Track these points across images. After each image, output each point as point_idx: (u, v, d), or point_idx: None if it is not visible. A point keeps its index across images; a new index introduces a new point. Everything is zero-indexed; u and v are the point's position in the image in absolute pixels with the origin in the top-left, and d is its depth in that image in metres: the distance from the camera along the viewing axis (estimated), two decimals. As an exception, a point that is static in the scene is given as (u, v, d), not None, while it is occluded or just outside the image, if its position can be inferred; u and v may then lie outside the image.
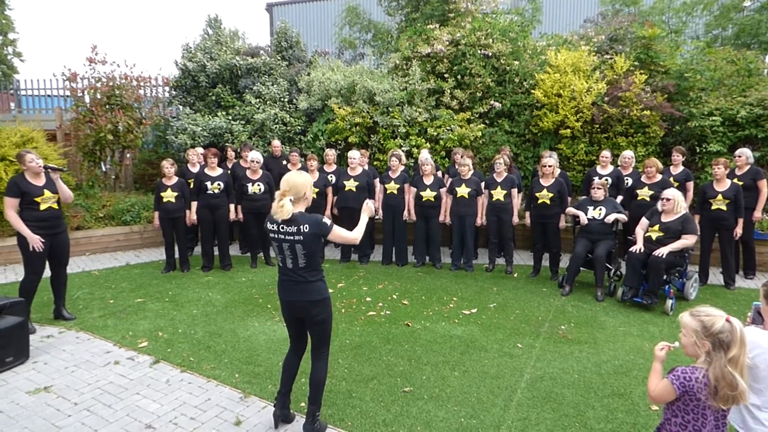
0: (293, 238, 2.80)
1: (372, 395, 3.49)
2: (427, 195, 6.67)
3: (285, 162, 7.73)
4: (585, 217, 5.76)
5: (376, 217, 7.28)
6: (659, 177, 6.20)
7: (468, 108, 8.71)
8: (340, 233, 2.93)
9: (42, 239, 4.46)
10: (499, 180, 6.54)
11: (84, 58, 9.46)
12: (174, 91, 10.24)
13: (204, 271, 6.66)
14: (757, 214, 6.10)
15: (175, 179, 6.51)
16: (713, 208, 5.86)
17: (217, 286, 6.06)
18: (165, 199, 6.41)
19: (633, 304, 5.34)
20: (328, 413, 3.24)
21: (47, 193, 4.52)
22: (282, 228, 2.81)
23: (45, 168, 4.53)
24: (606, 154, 6.85)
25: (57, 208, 4.62)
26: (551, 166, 6.18)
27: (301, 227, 2.78)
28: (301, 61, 10.42)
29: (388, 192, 6.87)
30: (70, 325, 4.76)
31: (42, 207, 4.49)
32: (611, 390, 3.56)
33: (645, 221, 5.46)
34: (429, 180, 6.71)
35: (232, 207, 6.77)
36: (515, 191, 6.61)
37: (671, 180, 6.45)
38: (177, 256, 6.70)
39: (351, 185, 6.87)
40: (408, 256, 7.14)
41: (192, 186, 6.68)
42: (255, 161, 6.76)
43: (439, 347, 4.28)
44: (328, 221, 2.88)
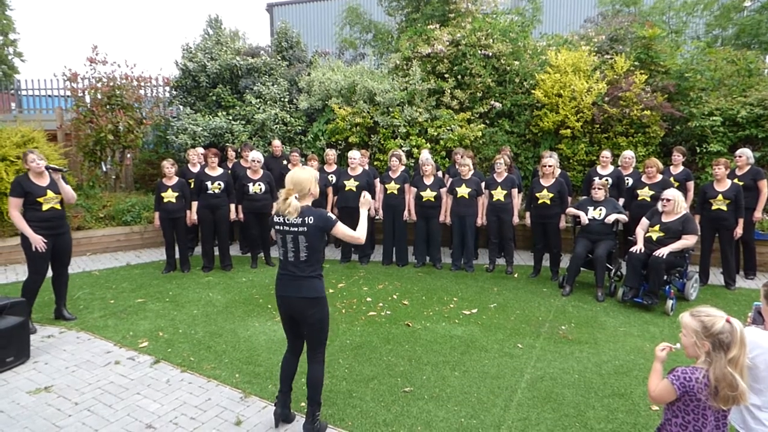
0: (297, 229, 2.81)
1: (372, 395, 3.49)
2: (428, 195, 6.67)
3: (285, 162, 7.75)
4: (585, 218, 5.76)
5: (376, 217, 7.28)
6: (660, 177, 6.21)
7: (468, 108, 8.72)
8: (344, 230, 2.93)
9: (44, 239, 4.47)
10: (500, 180, 6.55)
11: (84, 58, 9.47)
12: (174, 91, 10.25)
13: (204, 272, 6.66)
14: (758, 214, 6.09)
15: (176, 179, 6.51)
16: (713, 208, 5.86)
17: (218, 286, 6.07)
18: (165, 199, 6.42)
19: (633, 304, 5.34)
20: (328, 413, 3.25)
21: (50, 194, 4.53)
22: (287, 219, 2.83)
23: (46, 168, 4.54)
24: (606, 154, 6.85)
25: (60, 208, 4.63)
26: (551, 166, 6.19)
27: (306, 219, 2.80)
28: (302, 62, 10.43)
29: (388, 192, 6.88)
30: (70, 325, 4.77)
31: (44, 207, 4.50)
32: (612, 390, 3.56)
33: (645, 221, 5.46)
34: (429, 180, 6.71)
35: (232, 207, 6.78)
36: (515, 191, 6.61)
37: (671, 180, 6.46)
38: (177, 256, 6.71)
39: (351, 185, 6.88)
40: (408, 256, 7.14)
41: (192, 186, 6.69)
42: (256, 161, 6.77)
43: (440, 347, 4.28)
44: (333, 216, 2.89)
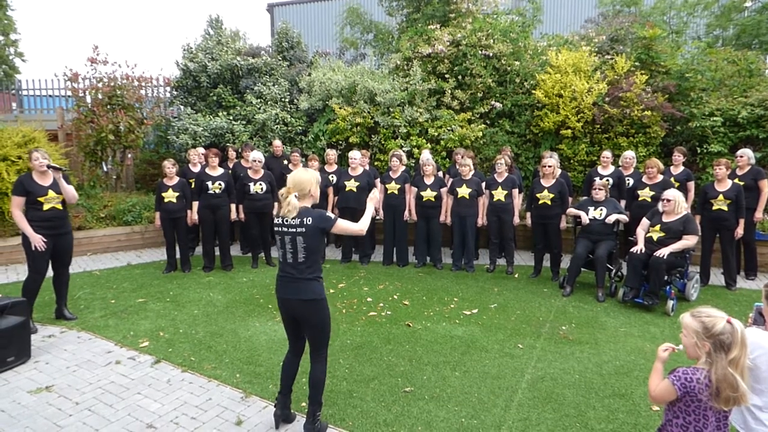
0: (296, 230, 2.83)
1: (373, 395, 3.49)
2: (428, 195, 6.67)
3: (286, 162, 7.76)
4: (586, 218, 5.76)
5: (376, 218, 7.28)
6: (660, 177, 6.21)
7: (469, 108, 8.72)
8: (344, 225, 2.95)
9: (45, 239, 4.47)
10: (500, 180, 6.55)
11: (85, 58, 9.51)
12: (175, 92, 10.26)
13: (205, 271, 6.66)
14: (758, 214, 6.09)
15: (176, 179, 6.51)
16: (714, 208, 5.85)
17: (218, 286, 6.07)
18: (166, 200, 6.42)
19: (634, 304, 5.33)
20: (328, 413, 3.25)
21: (51, 194, 4.53)
22: (286, 221, 2.85)
23: (48, 167, 4.54)
24: (607, 154, 6.85)
25: (61, 208, 4.62)
26: (551, 166, 6.19)
27: (305, 220, 2.82)
28: (302, 62, 10.43)
29: (389, 192, 6.88)
30: (71, 325, 4.77)
31: (45, 207, 4.50)
32: (612, 390, 3.56)
33: (646, 222, 5.46)
34: (430, 180, 6.72)
35: (233, 207, 6.78)
36: (516, 191, 6.61)
37: (672, 180, 6.46)
38: (178, 256, 6.71)
39: (352, 185, 6.88)
40: (409, 256, 7.14)
41: (193, 186, 6.69)
42: (257, 161, 6.77)
43: (440, 347, 4.28)
44: (331, 215, 2.91)
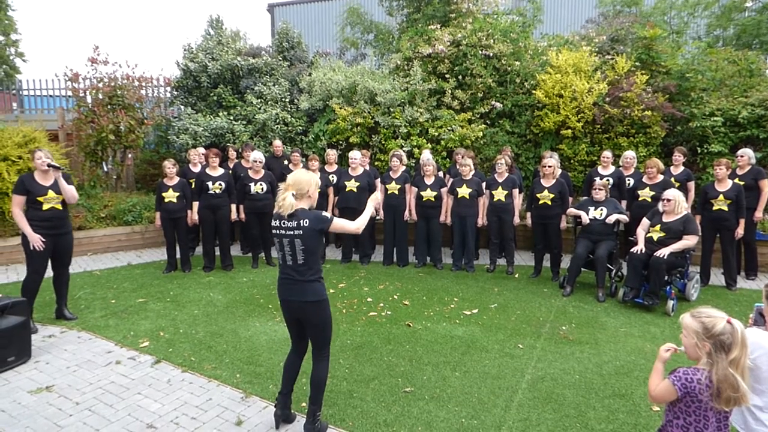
0: (293, 232, 2.84)
1: (373, 395, 3.49)
2: (428, 195, 6.67)
3: (286, 162, 7.76)
4: (586, 218, 5.76)
5: (377, 218, 7.28)
6: (660, 177, 6.20)
7: (469, 108, 8.71)
8: (341, 224, 2.98)
9: (43, 239, 4.47)
10: (501, 180, 6.55)
11: (86, 58, 9.50)
12: (175, 92, 10.27)
13: (205, 272, 6.66)
14: (758, 214, 6.09)
15: (177, 179, 6.52)
16: (714, 208, 5.85)
17: (219, 286, 6.07)
18: (166, 200, 6.42)
19: (634, 304, 5.33)
20: (329, 413, 3.25)
21: (51, 194, 4.52)
22: (283, 223, 2.86)
23: (48, 166, 4.53)
24: (607, 154, 6.85)
25: (61, 209, 4.61)
26: (552, 166, 6.18)
27: (301, 221, 2.83)
28: (303, 62, 10.43)
29: (389, 192, 6.88)
30: (71, 325, 4.77)
31: (45, 207, 4.50)
32: (612, 391, 3.56)
33: (646, 222, 5.45)
34: (430, 180, 6.72)
35: (233, 207, 6.78)
36: (516, 191, 6.61)
37: (672, 180, 6.45)
38: (178, 256, 6.71)
39: (352, 185, 6.88)
40: (409, 256, 7.14)
41: (193, 186, 6.69)
42: (258, 161, 6.78)
43: (440, 348, 4.28)
44: (328, 215, 2.93)
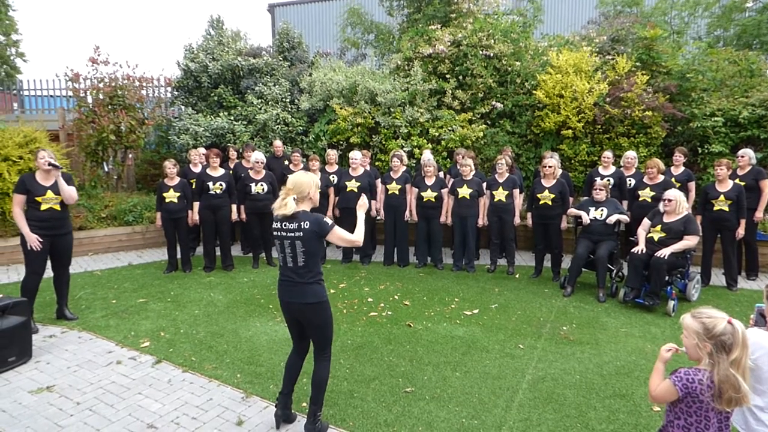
0: (294, 234, 2.84)
1: (373, 395, 3.49)
2: (428, 195, 6.67)
3: (287, 162, 7.76)
4: (587, 218, 5.76)
5: (377, 218, 7.29)
6: (661, 178, 6.20)
7: (469, 108, 8.71)
8: (341, 234, 2.92)
9: (41, 239, 4.46)
10: (501, 180, 6.54)
11: (86, 58, 9.49)
12: (176, 92, 10.28)
13: (206, 272, 6.67)
14: (759, 214, 6.08)
15: (177, 179, 6.52)
16: (715, 209, 5.85)
17: (219, 286, 6.07)
18: (167, 200, 6.43)
19: (635, 305, 5.33)
20: (329, 413, 3.25)
21: (49, 194, 4.51)
22: (284, 225, 2.85)
23: (48, 164, 4.52)
24: (608, 154, 6.85)
25: (59, 209, 4.59)
26: (552, 166, 6.18)
27: (302, 224, 2.82)
28: (303, 62, 10.44)
29: (389, 192, 6.88)
30: (72, 325, 4.78)
31: (43, 207, 4.49)
32: (613, 391, 3.56)
33: (647, 222, 5.45)
34: (431, 180, 6.72)
35: (234, 207, 6.79)
36: (517, 192, 6.61)
37: (672, 180, 6.45)
38: (179, 256, 6.71)
39: (353, 186, 6.88)
40: (409, 256, 7.14)
41: (194, 186, 6.70)
42: (259, 161, 6.78)
43: (441, 348, 4.28)
44: (329, 221, 2.90)
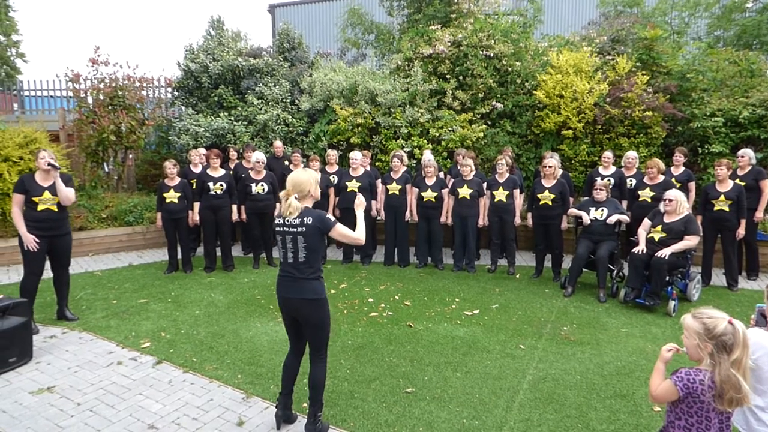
0: (296, 230, 2.85)
1: (374, 396, 3.49)
2: (428, 195, 6.67)
3: (287, 162, 7.77)
4: (587, 218, 5.76)
5: (378, 218, 7.29)
6: (661, 178, 6.20)
7: (470, 109, 8.71)
8: (343, 231, 2.95)
9: (38, 239, 4.44)
10: (501, 181, 6.55)
11: (87, 59, 9.50)
12: (176, 92, 10.28)
13: (206, 272, 6.67)
14: (759, 214, 6.08)
15: (178, 180, 6.52)
16: (715, 209, 5.85)
17: (220, 286, 6.07)
18: (167, 200, 6.43)
19: (635, 305, 5.33)
20: (330, 414, 3.25)
21: (47, 195, 4.49)
22: (287, 220, 2.87)
23: (48, 164, 4.50)
24: (608, 154, 6.85)
25: (56, 210, 4.56)
26: (552, 167, 6.18)
27: (305, 219, 2.84)
28: (303, 62, 10.44)
29: (390, 193, 6.88)
30: (73, 326, 4.78)
31: (39, 207, 4.47)
32: (614, 391, 3.56)
33: (647, 222, 5.45)
34: (431, 181, 6.72)
35: (234, 207, 6.79)
36: (517, 192, 6.61)
37: (673, 181, 6.45)
38: (179, 256, 6.71)
39: (353, 186, 6.88)
40: (410, 257, 7.14)
41: (194, 187, 6.70)
42: (259, 162, 6.79)
43: (441, 348, 4.28)
44: (331, 217, 2.92)
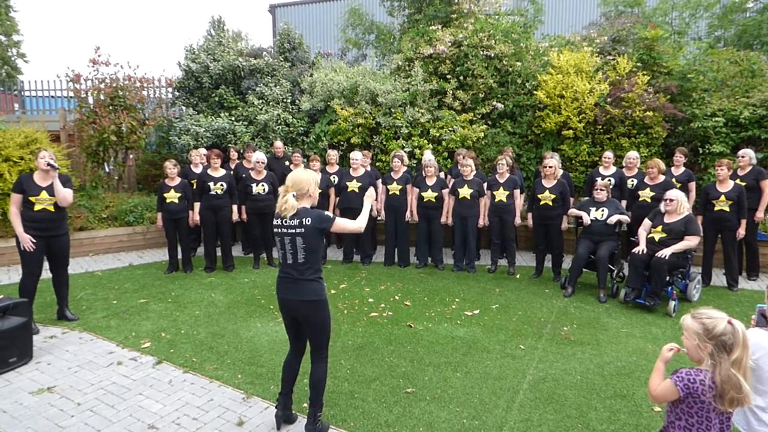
0: (295, 231, 2.85)
1: (374, 396, 3.49)
2: (429, 195, 6.67)
3: (288, 163, 7.77)
4: (587, 218, 5.75)
5: (378, 218, 7.29)
6: (662, 178, 6.20)
7: (470, 109, 8.71)
8: (343, 224, 2.98)
9: (34, 240, 4.44)
10: (502, 181, 6.54)
11: (87, 59, 9.51)
12: (177, 92, 10.28)
13: (207, 272, 6.67)
14: (759, 214, 6.08)
15: (178, 180, 6.52)
16: (716, 209, 5.84)
17: (220, 286, 6.07)
18: (168, 200, 6.43)
19: (636, 305, 5.33)
20: (330, 414, 3.25)
21: (44, 195, 4.47)
22: (285, 222, 2.87)
23: (47, 164, 4.50)
24: (609, 154, 6.85)
25: (53, 210, 4.53)
26: (553, 167, 6.18)
27: (304, 220, 2.84)
28: (304, 62, 10.44)
29: (390, 193, 6.88)
30: (73, 326, 4.78)
31: (36, 207, 4.46)
32: (614, 391, 3.56)
33: (648, 222, 5.45)
34: (431, 181, 6.72)
35: (234, 208, 6.79)
36: (518, 192, 6.61)
37: (673, 181, 6.44)
38: (180, 256, 6.72)
39: (353, 186, 6.88)
40: (410, 257, 7.14)
41: (195, 187, 6.70)
42: (260, 162, 6.79)
43: (442, 348, 4.28)
44: (330, 214, 2.95)
